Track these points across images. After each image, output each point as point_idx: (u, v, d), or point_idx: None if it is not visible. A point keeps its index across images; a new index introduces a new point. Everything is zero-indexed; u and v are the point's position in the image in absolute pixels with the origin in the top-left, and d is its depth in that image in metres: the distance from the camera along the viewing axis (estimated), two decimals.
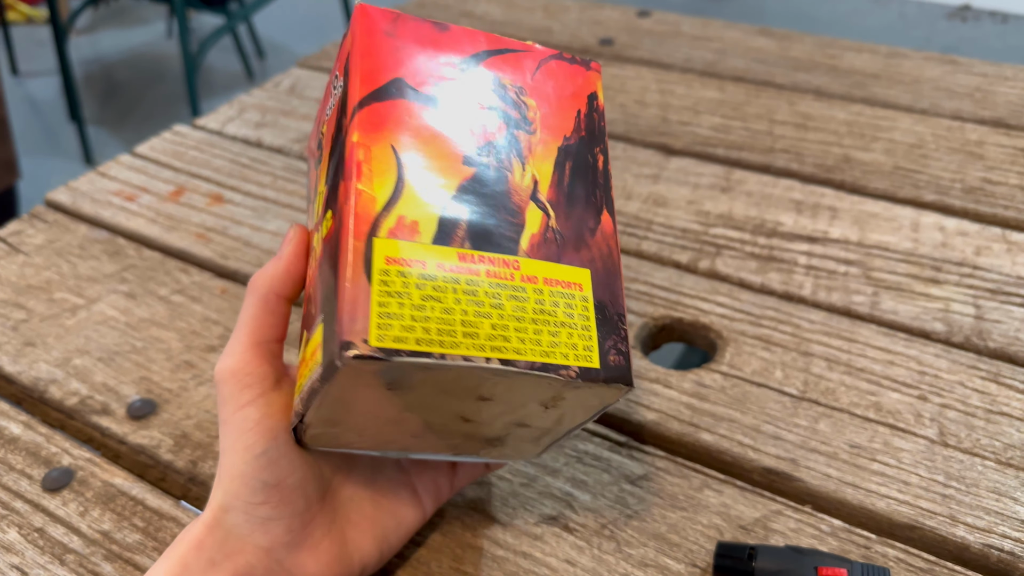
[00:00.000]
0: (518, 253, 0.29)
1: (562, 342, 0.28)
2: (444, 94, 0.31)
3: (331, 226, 0.28)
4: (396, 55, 0.31)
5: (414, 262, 0.27)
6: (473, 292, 0.27)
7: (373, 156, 0.28)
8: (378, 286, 0.26)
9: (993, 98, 0.69)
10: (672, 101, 0.70)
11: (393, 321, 0.26)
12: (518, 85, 0.32)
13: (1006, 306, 0.49)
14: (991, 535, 0.37)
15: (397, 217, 0.27)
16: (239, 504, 0.31)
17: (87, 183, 0.63)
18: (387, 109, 0.29)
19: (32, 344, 0.49)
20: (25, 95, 2.48)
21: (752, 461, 0.41)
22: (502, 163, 0.30)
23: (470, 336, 0.27)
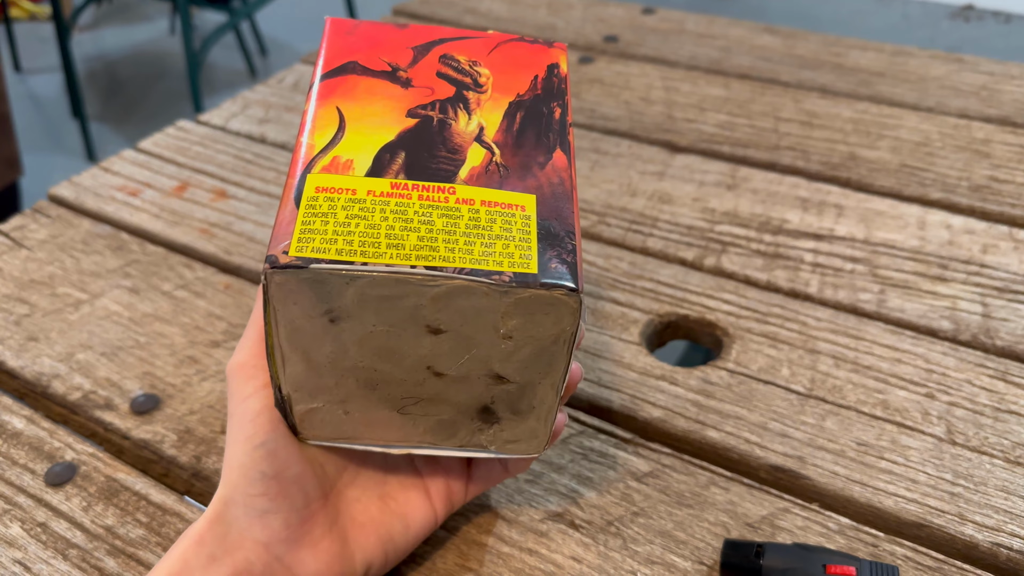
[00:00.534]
0: (455, 181, 0.29)
1: (496, 251, 0.27)
2: (396, 69, 0.34)
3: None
4: (354, 47, 0.34)
5: (343, 190, 0.28)
6: (403, 212, 0.28)
7: (318, 116, 0.31)
8: (304, 209, 0.28)
9: (999, 96, 0.69)
10: (677, 98, 0.70)
11: (315, 235, 0.27)
12: (472, 60, 0.35)
13: (1013, 304, 0.48)
14: (1000, 533, 0.37)
15: (332, 157, 0.30)
16: (238, 496, 0.31)
17: (90, 178, 0.63)
18: (338, 81, 0.33)
19: (35, 339, 0.49)
20: (28, 92, 2.48)
21: (759, 459, 0.40)
22: (447, 114, 0.32)
23: (395, 247, 0.27)
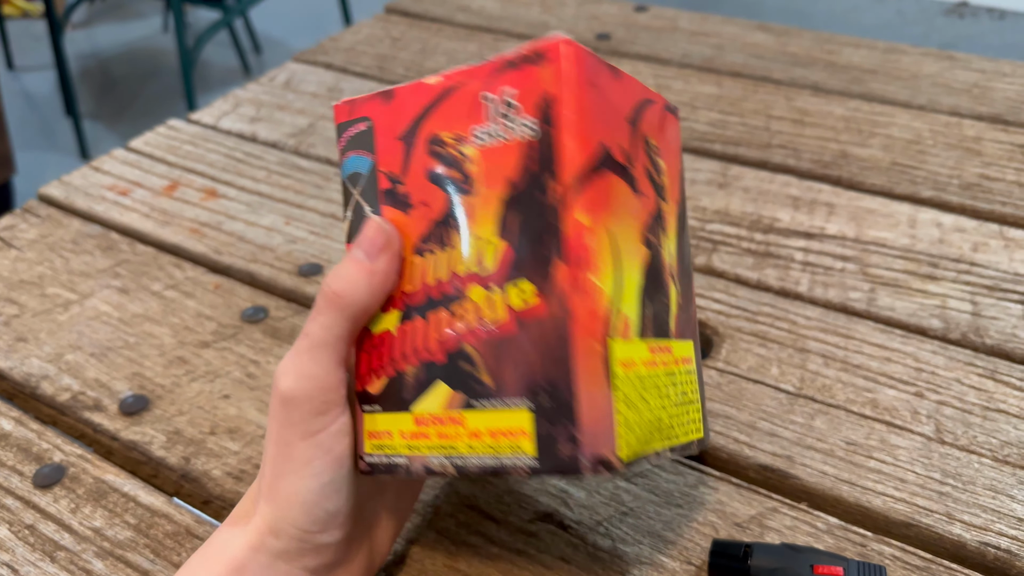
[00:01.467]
0: (671, 335, 0.31)
1: (690, 419, 0.32)
2: (631, 167, 0.30)
3: (538, 305, 0.27)
4: (601, 116, 0.29)
5: (631, 363, 0.28)
6: (657, 386, 0.30)
7: (600, 244, 0.27)
8: (617, 393, 0.27)
9: (991, 94, 0.69)
10: (669, 96, 0.70)
11: (629, 432, 0.27)
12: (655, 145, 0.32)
13: (1003, 303, 0.48)
14: (988, 533, 0.37)
15: (620, 314, 0.28)
16: (294, 532, 0.29)
17: (80, 178, 0.62)
18: (603, 187, 0.28)
19: (24, 339, 0.48)
20: (21, 90, 2.48)
21: (748, 458, 0.40)
22: (659, 241, 0.31)
23: (660, 431, 0.29)
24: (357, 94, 0.71)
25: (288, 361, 0.30)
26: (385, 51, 0.79)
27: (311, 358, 0.29)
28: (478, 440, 0.28)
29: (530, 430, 0.27)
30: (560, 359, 0.26)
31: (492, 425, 0.28)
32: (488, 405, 0.28)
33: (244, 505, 0.32)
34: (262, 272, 0.53)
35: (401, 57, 0.78)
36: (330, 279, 0.30)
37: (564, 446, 0.26)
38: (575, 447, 0.26)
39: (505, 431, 0.28)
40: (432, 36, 0.82)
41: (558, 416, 0.26)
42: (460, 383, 0.29)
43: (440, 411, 0.29)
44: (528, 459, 0.27)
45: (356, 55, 0.79)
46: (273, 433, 0.30)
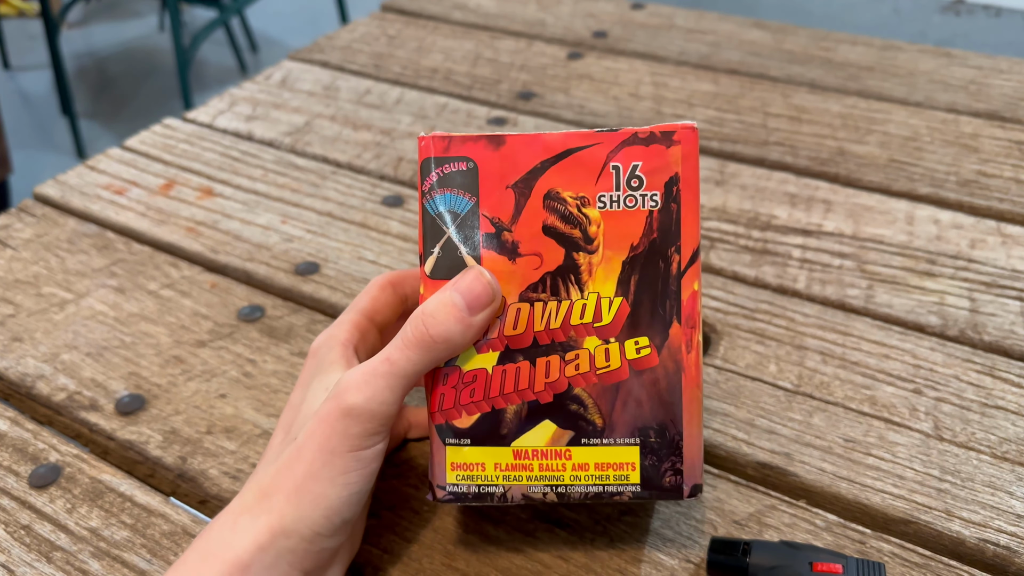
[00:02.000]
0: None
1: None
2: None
3: (651, 356, 0.31)
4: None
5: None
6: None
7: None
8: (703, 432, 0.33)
9: (988, 91, 0.69)
10: (666, 94, 0.70)
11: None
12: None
13: (1001, 299, 0.48)
14: (987, 529, 0.37)
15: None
16: (308, 533, 0.30)
17: (76, 177, 0.62)
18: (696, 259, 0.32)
19: (20, 339, 0.48)
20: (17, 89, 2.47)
21: (746, 456, 0.40)
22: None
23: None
24: (354, 93, 0.71)
25: (361, 378, 0.30)
26: (381, 49, 0.79)
27: (387, 385, 0.30)
28: (584, 471, 0.32)
29: (637, 462, 0.32)
30: (671, 404, 0.31)
31: (600, 459, 0.32)
32: (597, 442, 0.32)
33: (245, 499, 0.31)
34: (258, 271, 0.53)
35: (397, 55, 0.78)
36: (428, 321, 0.30)
37: (669, 477, 0.32)
38: (678, 477, 0.32)
39: (613, 464, 0.32)
40: (428, 34, 0.82)
41: (665, 452, 0.32)
42: (569, 422, 0.32)
43: (545, 446, 0.32)
44: (633, 487, 0.32)
45: (352, 53, 0.79)
46: (318, 438, 0.30)
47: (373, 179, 0.61)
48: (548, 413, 0.32)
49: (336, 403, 0.30)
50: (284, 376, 0.45)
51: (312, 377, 0.34)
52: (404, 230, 0.55)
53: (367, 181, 0.61)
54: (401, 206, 0.58)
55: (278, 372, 0.46)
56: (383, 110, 0.69)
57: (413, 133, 0.66)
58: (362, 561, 0.36)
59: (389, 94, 0.71)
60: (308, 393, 0.34)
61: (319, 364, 0.34)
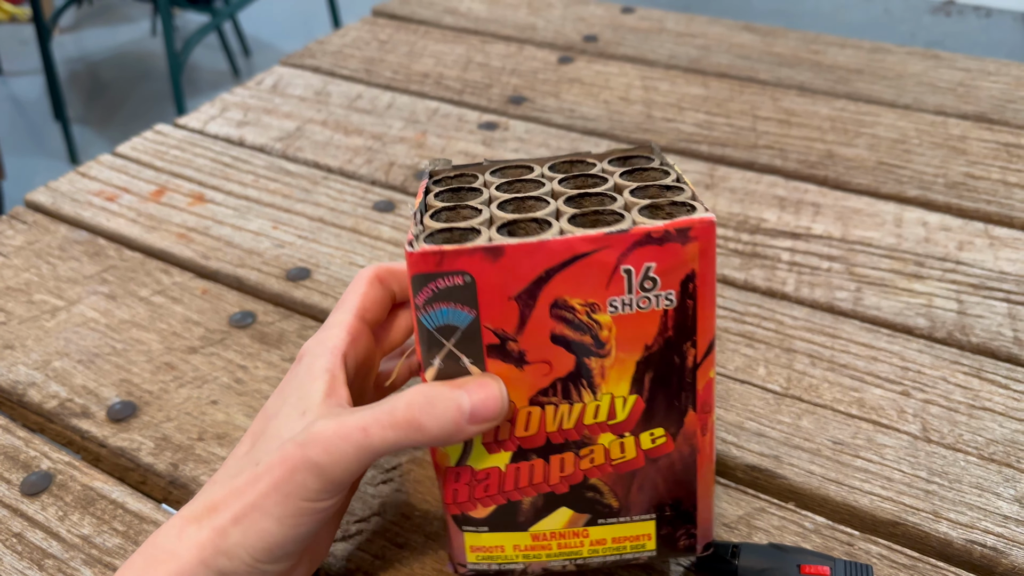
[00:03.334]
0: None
1: None
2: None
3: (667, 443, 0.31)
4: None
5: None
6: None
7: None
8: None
9: (976, 93, 0.69)
10: (656, 98, 0.70)
11: None
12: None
13: (988, 301, 0.49)
14: (974, 531, 0.37)
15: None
16: (250, 559, 0.29)
17: (67, 183, 0.62)
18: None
19: (11, 347, 0.48)
20: (9, 94, 2.47)
21: (735, 459, 0.41)
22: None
23: None
24: (346, 98, 0.71)
25: (331, 437, 0.29)
26: (372, 54, 0.79)
27: (355, 456, 0.29)
28: (602, 545, 0.33)
29: (653, 533, 0.32)
30: (687, 483, 0.32)
31: (617, 534, 0.32)
32: (613, 521, 0.32)
33: (194, 507, 0.30)
34: (250, 277, 0.53)
35: (388, 60, 0.78)
36: (425, 410, 0.29)
37: (683, 541, 0.33)
38: (692, 540, 0.33)
39: (630, 537, 0.33)
40: (419, 39, 0.82)
41: (680, 522, 0.32)
42: (585, 507, 0.32)
43: (562, 528, 0.32)
44: (649, 552, 0.33)
45: (344, 58, 0.79)
46: (276, 475, 0.29)
47: (364, 184, 0.61)
48: (564, 501, 0.32)
49: (301, 452, 0.29)
50: (275, 382, 0.45)
51: (294, 385, 0.32)
52: (395, 235, 0.55)
53: (358, 186, 0.61)
54: (392, 211, 0.58)
55: (269, 378, 0.46)
56: (374, 115, 0.69)
57: (405, 138, 0.66)
58: (353, 567, 0.37)
59: (380, 99, 0.72)
60: (283, 406, 0.32)
61: (305, 371, 0.33)
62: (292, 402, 0.32)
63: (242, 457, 0.32)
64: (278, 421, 0.31)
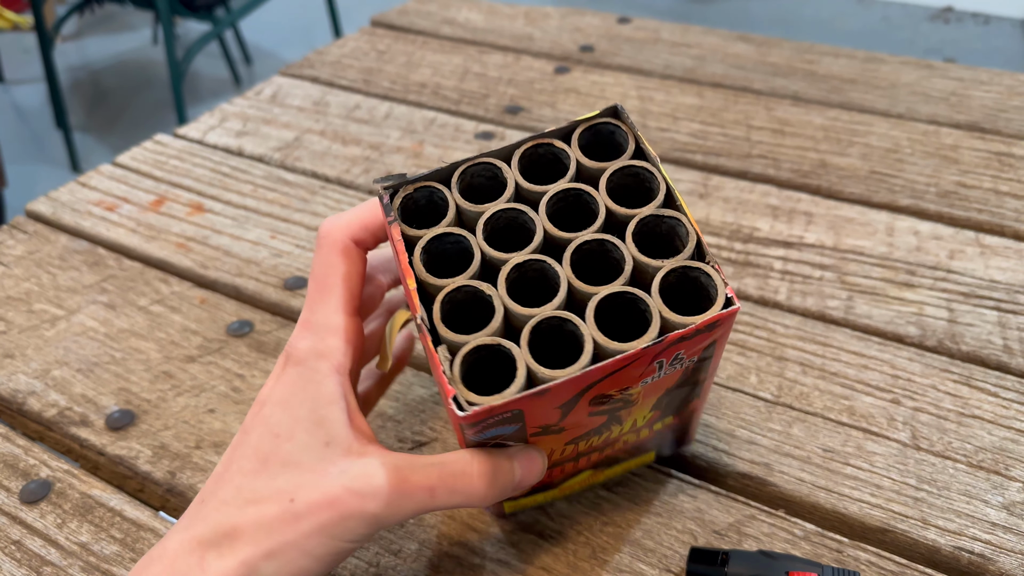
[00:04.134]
0: None
1: None
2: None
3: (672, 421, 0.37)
4: None
5: None
6: None
7: None
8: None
9: (968, 102, 0.70)
10: (651, 107, 0.70)
11: None
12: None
13: (979, 309, 0.49)
14: (962, 538, 0.37)
15: None
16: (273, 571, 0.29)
17: (67, 193, 0.63)
18: None
19: (11, 356, 0.49)
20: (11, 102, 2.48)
21: (727, 466, 0.41)
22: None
23: None
24: (344, 108, 0.72)
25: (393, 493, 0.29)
26: (371, 64, 0.80)
27: (416, 510, 0.30)
28: (614, 474, 0.40)
29: (652, 456, 0.40)
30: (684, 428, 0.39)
31: (626, 467, 0.40)
32: (625, 458, 0.38)
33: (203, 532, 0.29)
34: (248, 286, 0.53)
35: (387, 70, 0.79)
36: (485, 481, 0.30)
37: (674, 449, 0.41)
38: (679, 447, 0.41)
39: (636, 462, 0.40)
40: (417, 49, 0.82)
41: (674, 446, 0.41)
42: (603, 464, 0.38)
43: (585, 479, 0.38)
44: (647, 462, 0.41)
45: (342, 68, 0.79)
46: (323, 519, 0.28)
47: (362, 194, 0.62)
48: (589, 468, 0.38)
49: (358, 502, 0.28)
50: None
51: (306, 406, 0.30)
52: None
53: (356, 196, 0.61)
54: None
55: None
56: (372, 125, 0.70)
57: (402, 148, 0.67)
58: (347, 575, 0.37)
59: (378, 109, 0.72)
60: (296, 429, 0.30)
61: (309, 390, 0.31)
62: (308, 427, 0.30)
63: (250, 475, 0.30)
64: (294, 446, 0.30)
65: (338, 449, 0.30)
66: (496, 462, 0.30)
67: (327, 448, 0.30)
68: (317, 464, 0.29)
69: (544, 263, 0.30)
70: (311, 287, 0.33)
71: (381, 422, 0.44)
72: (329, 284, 0.32)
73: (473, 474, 0.30)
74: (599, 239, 0.30)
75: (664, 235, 0.31)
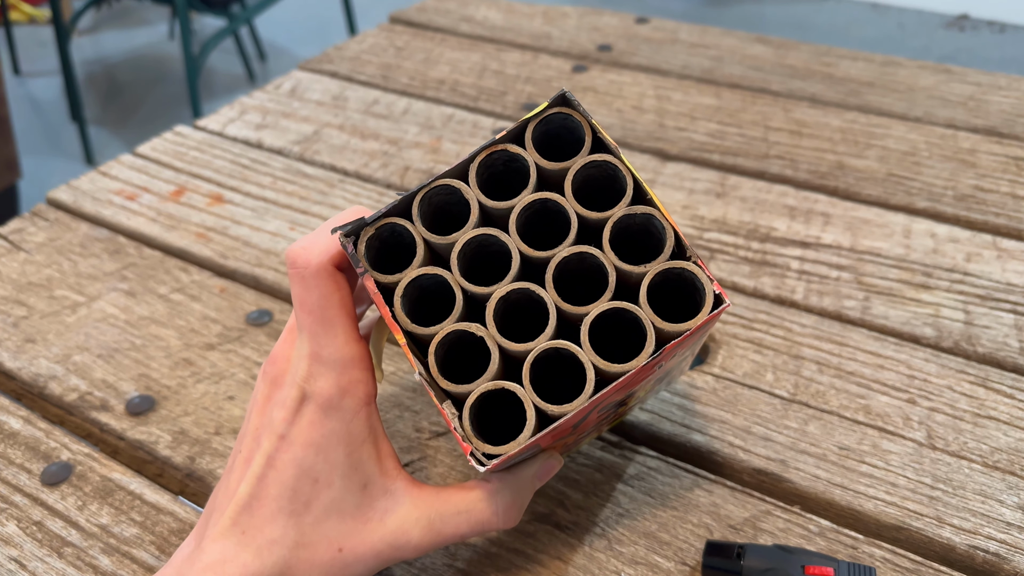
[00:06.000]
0: None
1: None
2: None
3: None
4: None
5: None
6: None
7: None
8: None
9: (986, 107, 0.70)
10: (669, 107, 0.71)
11: None
12: None
13: (995, 312, 0.49)
14: (977, 536, 0.37)
15: None
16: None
17: (88, 182, 0.63)
18: None
19: (32, 341, 0.49)
20: (27, 95, 2.49)
21: (742, 462, 0.41)
22: None
23: None
24: (362, 103, 0.73)
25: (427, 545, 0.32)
26: (389, 60, 0.80)
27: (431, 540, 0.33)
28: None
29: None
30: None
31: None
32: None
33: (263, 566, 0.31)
34: (267, 276, 0.54)
35: (405, 66, 0.79)
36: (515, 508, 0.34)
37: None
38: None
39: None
40: (436, 46, 0.83)
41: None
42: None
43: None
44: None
45: (361, 64, 0.80)
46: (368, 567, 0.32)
47: (380, 187, 0.62)
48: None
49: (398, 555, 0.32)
50: None
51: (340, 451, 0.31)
52: None
53: (374, 189, 0.62)
54: None
55: None
56: (391, 120, 0.70)
57: (420, 143, 0.67)
58: None
59: (397, 104, 0.73)
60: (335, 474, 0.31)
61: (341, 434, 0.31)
62: (345, 472, 0.31)
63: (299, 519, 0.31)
64: (334, 492, 0.31)
65: (375, 491, 0.32)
66: (516, 489, 0.33)
67: (364, 492, 0.32)
68: (357, 511, 0.32)
69: (528, 290, 0.30)
70: (309, 320, 0.31)
71: (399, 412, 0.44)
72: (330, 316, 0.31)
73: (499, 512, 0.33)
74: (578, 253, 0.30)
75: (639, 230, 0.31)
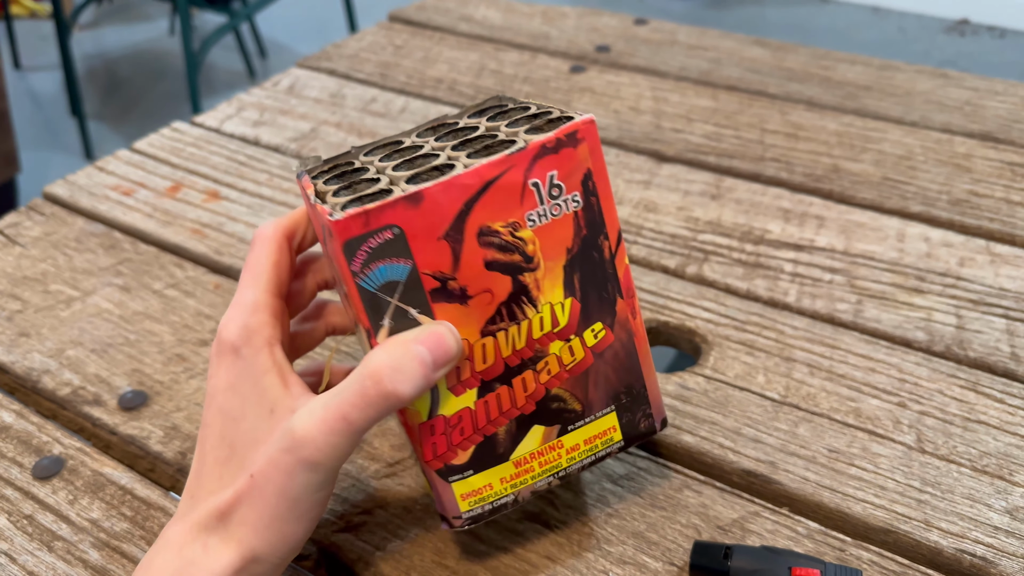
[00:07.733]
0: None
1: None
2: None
3: (607, 335, 0.34)
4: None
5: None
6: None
7: None
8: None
9: (983, 112, 0.70)
10: (666, 108, 0.71)
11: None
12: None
13: (987, 317, 0.49)
14: (964, 540, 0.38)
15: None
16: (280, 561, 0.31)
17: (85, 177, 0.63)
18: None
19: (26, 334, 0.49)
20: (27, 89, 2.49)
21: (732, 463, 0.41)
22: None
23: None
24: (360, 101, 0.73)
25: (317, 435, 0.29)
26: (388, 59, 0.80)
27: (346, 442, 0.30)
28: (576, 451, 0.35)
29: (616, 424, 0.35)
30: (632, 367, 0.35)
31: (587, 435, 0.35)
32: (581, 424, 0.35)
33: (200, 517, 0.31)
34: None
35: (404, 65, 0.79)
36: (395, 378, 0.29)
37: (643, 423, 0.36)
38: (650, 420, 0.36)
39: (598, 435, 0.35)
40: (434, 45, 0.83)
41: (636, 405, 0.35)
42: (554, 419, 0.34)
43: (539, 447, 0.34)
44: (618, 444, 0.36)
45: (359, 62, 0.80)
46: (277, 484, 0.30)
47: None
48: (534, 420, 0.34)
49: (295, 456, 0.30)
50: None
51: (248, 384, 0.32)
52: None
53: None
54: None
55: None
56: (388, 118, 0.70)
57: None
58: (355, 557, 0.37)
59: (394, 103, 0.73)
60: (245, 406, 0.32)
61: (247, 369, 0.32)
62: (254, 402, 0.32)
63: (223, 461, 0.32)
64: (249, 424, 0.32)
65: (282, 412, 0.31)
66: (396, 354, 0.29)
67: (272, 416, 0.31)
68: (268, 435, 0.31)
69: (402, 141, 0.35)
70: (242, 276, 0.34)
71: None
72: (258, 271, 0.34)
73: (375, 376, 0.29)
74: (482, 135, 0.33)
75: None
